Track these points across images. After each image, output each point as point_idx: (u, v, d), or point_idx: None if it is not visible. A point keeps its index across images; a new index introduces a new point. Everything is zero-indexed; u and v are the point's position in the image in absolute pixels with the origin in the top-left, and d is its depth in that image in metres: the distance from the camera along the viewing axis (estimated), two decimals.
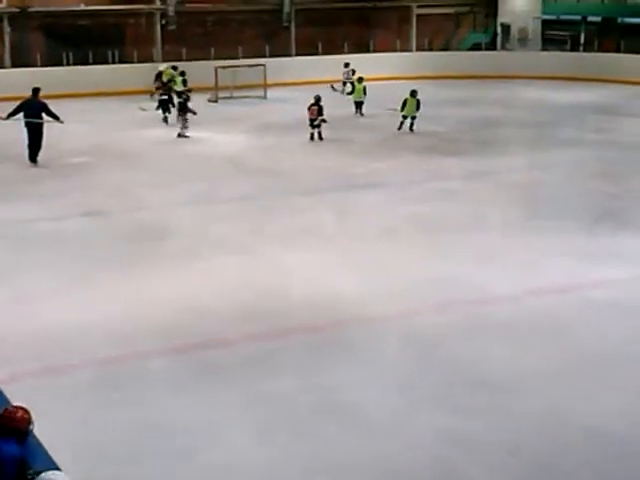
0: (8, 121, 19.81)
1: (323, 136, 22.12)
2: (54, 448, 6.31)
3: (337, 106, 28.06)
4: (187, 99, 23.49)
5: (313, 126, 22.19)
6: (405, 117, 23.18)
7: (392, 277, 11.54)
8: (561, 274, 11.64)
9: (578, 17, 36.64)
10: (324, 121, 22.17)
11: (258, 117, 26.61)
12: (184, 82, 28.70)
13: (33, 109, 19.48)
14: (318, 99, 22.28)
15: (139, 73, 32.33)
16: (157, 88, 28.91)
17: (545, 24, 37.60)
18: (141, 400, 8.24)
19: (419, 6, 38.18)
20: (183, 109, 22.80)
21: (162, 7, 34.58)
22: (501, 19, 38.16)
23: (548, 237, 13.24)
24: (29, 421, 5.71)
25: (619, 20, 36.24)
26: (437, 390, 8.39)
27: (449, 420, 7.75)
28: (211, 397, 8.27)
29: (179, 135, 22.65)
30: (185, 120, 22.65)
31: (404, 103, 23.17)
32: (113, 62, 32.79)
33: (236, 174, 18.44)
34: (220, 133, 23.56)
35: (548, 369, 8.83)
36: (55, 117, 19.55)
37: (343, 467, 7.15)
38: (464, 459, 7.20)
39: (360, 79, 27.02)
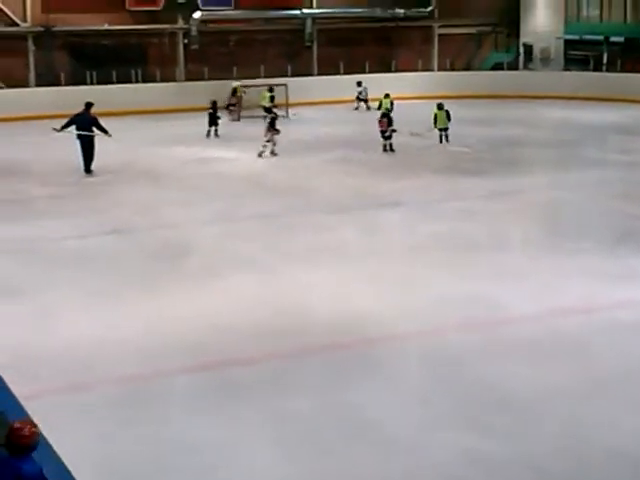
0: (60, 133, 20.93)
1: (394, 148, 22.82)
2: (75, 465, 6.34)
3: (358, 123, 28.22)
4: (275, 117, 23.54)
5: (385, 137, 22.79)
6: (441, 130, 23.91)
7: (414, 295, 11.53)
8: (584, 294, 11.57)
9: (601, 37, 36.59)
10: (394, 131, 22.79)
11: (281, 136, 26.65)
12: (272, 99, 29.03)
13: (84, 122, 20.70)
14: (388, 111, 22.99)
15: (162, 92, 32.64)
16: (232, 104, 29.54)
17: (567, 44, 37.59)
18: (162, 417, 8.26)
19: (441, 26, 38.31)
20: (272, 127, 22.72)
21: (185, 27, 34.88)
22: (523, 39, 38.18)
23: (571, 257, 13.18)
24: (38, 434, 5.62)
25: None
26: (459, 409, 8.36)
27: (470, 439, 7.71)
28: (233, 415, 8.28)
29: (272, 153, 22.40)
30: (272, 138, 22.52)
31: (435, 118, 23.95)
32: (136, 81, 33.07)
33: (259, 192, 18.51)
34: (243, 152, 23.64)
35: (571, 389, 8.78)
36: (104, 131, 20.61)
37: None
38: (484, 478, 7.16)
39: (387, 95, 28.15)
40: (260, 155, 22.40)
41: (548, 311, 10.94)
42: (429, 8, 38.03)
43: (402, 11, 37.13)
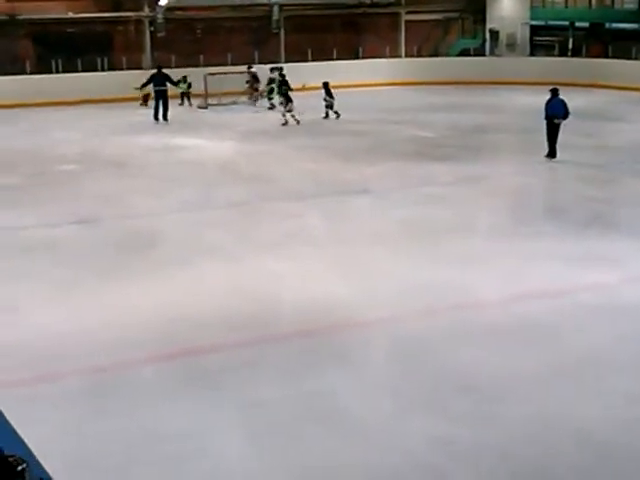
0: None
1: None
2: (45, 457, 6.33)
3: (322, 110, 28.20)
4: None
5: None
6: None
7: (381, 282, 11.57)
8: (549, 278, 11.67)
9: (566, 23, 36.85)
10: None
11: (248, 123, 26.67)
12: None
13: (160, 80, 27.51)
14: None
15: (128, 80, 32.43)
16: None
17: (533, 30, 37.82)
18: (132, 408, 8.24)
19: (408, 12, 38.35)
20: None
21: (151, 14, 34.67)
22: (490, 25, 38.34)
23: (536, 242, 13.29)
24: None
25: (607, 25, 36.46)
26: (426, 396, 8.40)
27: (438, 426, 7.76)
28: (202, 404, 8.28)
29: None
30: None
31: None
32: (102, 69, 32.82)
33: (226, 180, 18.47)
34: (210, 140, 23.61)
35: (536, 374, 8.85)
36: (175, 84, 28.39)
37: (333, 474, 7.15)
38: (453, 465, 7.21)
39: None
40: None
41: (514, 296, 11.02)
42: None
43: None
